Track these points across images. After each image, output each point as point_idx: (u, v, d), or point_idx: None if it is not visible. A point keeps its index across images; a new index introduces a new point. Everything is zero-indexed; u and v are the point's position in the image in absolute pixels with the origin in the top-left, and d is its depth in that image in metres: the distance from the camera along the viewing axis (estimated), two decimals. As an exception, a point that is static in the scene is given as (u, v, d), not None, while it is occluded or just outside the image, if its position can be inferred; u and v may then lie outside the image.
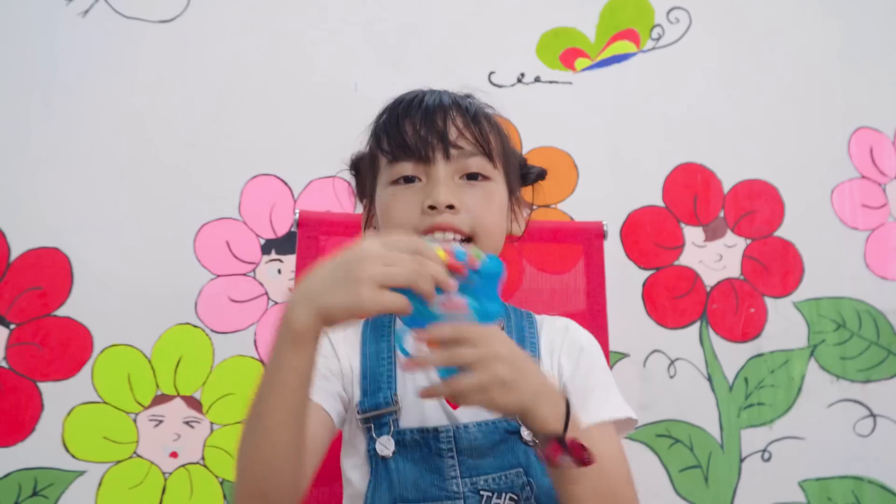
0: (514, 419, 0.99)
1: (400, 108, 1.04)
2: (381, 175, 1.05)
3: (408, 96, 1.06)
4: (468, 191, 1.01)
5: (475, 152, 1.02)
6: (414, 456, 0.99)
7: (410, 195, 1.01)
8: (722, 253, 1.69)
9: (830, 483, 1.66)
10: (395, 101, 1.08)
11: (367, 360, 1.04)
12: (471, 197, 1.01)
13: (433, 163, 1.01)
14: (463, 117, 1.03)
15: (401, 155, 1.01)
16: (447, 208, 0.98)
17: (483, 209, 1.01)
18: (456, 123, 1.02)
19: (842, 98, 1.75)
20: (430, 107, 1.03)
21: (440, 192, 0.98)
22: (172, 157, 1.59)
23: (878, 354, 1.69)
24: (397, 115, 1.04)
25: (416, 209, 1.00)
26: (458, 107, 1.04)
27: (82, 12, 1.60)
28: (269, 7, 1.65)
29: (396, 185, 1.02)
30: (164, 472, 1.52)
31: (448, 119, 1.02)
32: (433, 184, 1.00)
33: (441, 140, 1.01)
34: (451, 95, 1.06)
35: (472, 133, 1.03)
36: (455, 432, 0.99)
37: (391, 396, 1.01)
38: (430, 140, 1.00)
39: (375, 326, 1.08)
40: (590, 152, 1.68)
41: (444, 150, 1.01)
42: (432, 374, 0.85)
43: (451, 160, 1.01)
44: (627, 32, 1.72)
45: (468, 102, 1.06)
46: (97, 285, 1.54)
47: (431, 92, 1.07)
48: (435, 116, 1.02)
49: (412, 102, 1.04)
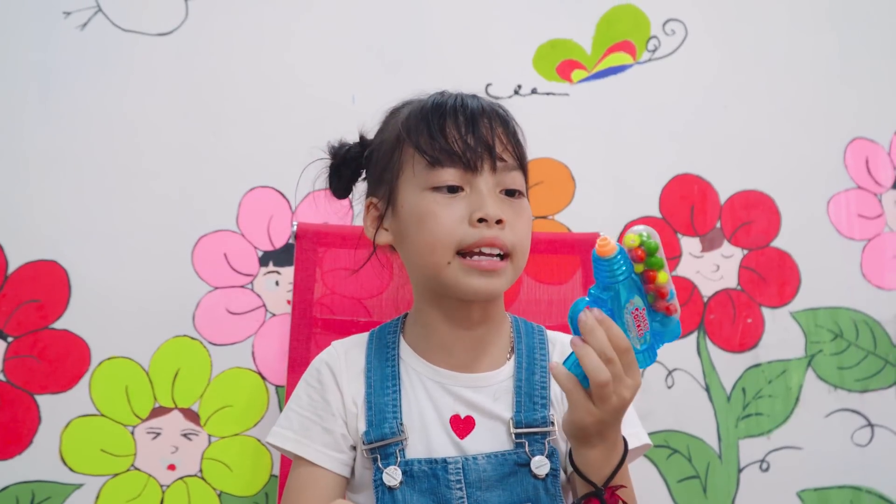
0: (546, 451, 1.00)
1: (440, 109, 1.00)
2: (416, 177, 1.00)
3: (442, 98, 1.03)
4: (508, 207, 0.99)
5: (515, 167, 1.01)
6: (422, 487, 0.97)
7: (454, 205, 0.97)
8: (719, 263, 1.70)
9: (829, 493, 1.66)
10: (431, 98, 1.04)
11: (372, 389, 1.03)
12: (511, 214, 0.99)
13: (479, 174, 0.98)
14: (504, 128, 1.01)
15: (445, 161, 0.98)
16: (496, 223, 0.96)
17: (522, 227, 1.00)
18: (499, 134, 1.00)
19: (837, 109, 1.76)
20: (476, 113, 1.00)
21: (491, 206, 0.96)
22: (170, 170, 1.59)
23: (875, 364, 1.70)
24: (442, 116, 1.00)
25: (462, 221, 0.97)
26: (499, 116, 1.02)
27: (80, 25, 1.61)
28: (267, 21, 1.65)
29: (438, 193, 0.98)
30: (161, 485, 1.52)
31: (493, 128, 0.99)
32: (481, 196, 0.97)
33: (488, 151, 0.98)
34: (490, 102, 1.03)
35: (513, 146, 1.01)
36: (464, 464, 0.98)
37: (397, 426, 1.00)
38: (478, 149, 0.98)
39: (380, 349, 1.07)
40: (587, 164, 1.69)
41: (492, 162, 0.98)
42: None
43: (495, 173, 0.99)
44: (624, 44, 1.73)
45: (505, 112, 1.04)
46: (95, 298, 1.54)
47: (469, 96, 1.03)
48: (480, 124, 0.99)
49: (455, 105, 1.01)
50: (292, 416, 1.05)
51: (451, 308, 1.03)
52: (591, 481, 0.89)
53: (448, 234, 0.96)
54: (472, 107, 1.00)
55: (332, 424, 1.02)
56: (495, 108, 1.03)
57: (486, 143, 0.98)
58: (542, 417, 1.01)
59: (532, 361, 1.05)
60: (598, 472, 0.89)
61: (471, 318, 1.03)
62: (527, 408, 1.01)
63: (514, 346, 1.07)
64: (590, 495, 0.88)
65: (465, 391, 1.02)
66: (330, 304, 1.40)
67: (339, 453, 1.02)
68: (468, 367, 1.04)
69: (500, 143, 0.99)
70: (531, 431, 1.00)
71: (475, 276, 0.97)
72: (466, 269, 0.97)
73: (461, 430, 1.01)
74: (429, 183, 0.99)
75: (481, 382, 1.03)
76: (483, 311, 1.03)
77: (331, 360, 1.07)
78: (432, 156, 0.98)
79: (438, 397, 1.02)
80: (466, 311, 1.02)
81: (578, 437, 0.89)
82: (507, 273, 0.99)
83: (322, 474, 1.01)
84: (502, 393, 1.03)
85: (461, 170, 0.98)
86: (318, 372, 1.06)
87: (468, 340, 1.04)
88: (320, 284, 1.40)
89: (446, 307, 1.03)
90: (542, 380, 1.03)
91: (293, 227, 1.43)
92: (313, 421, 1.03)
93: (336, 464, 1.02)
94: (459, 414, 1.02)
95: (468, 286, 0.97)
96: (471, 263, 0.96)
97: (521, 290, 1.41)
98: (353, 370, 1.05)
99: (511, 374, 1.04)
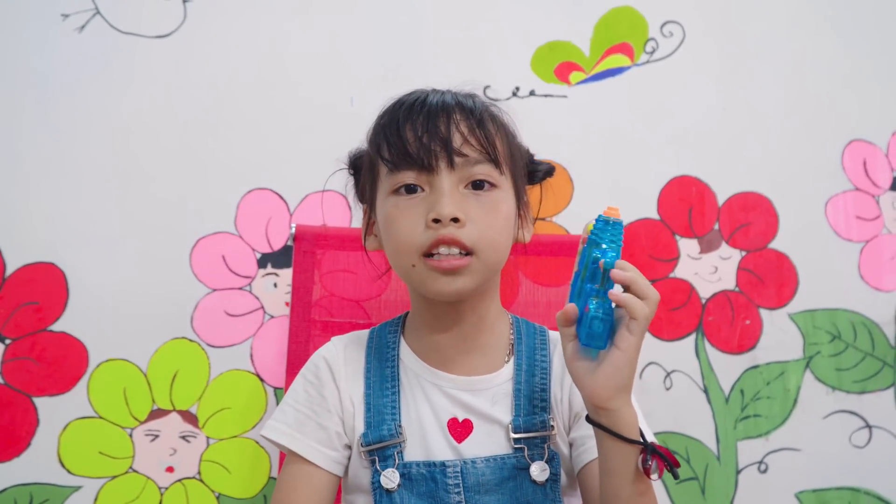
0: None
1: (401, 112, 0.99)
2: (382, 183, 1.00)
3: (409, 98, 1.01)
4: (473, 202, 0.97)
5: (481, 159, 0.98)
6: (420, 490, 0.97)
7: (413, 207, 0.96)
8: (717, 265, 1.70)
9: (827, 494, 1.66)
10: (396, 102, 1.02)
11: (371, 389, 1.03)
12: (476, 208, 0.96)
13: (436, 172, 0.96)
14: (467, 121, 0.98)
15: (402, 164, 0.97)
16: (451, 221, 0.94)
17: (488, 221, 0.97)
18: (460, 128, 0.97)
19: (835, 111, 1.76)
20: (433, 110, 0.98)
21: (444, 205, 0.94)
22: (168, 172, 1.59)
23: (873, 366, 1.70)
24: (398, 120, 0.98)
25: (419, 223, 0.96)
26: (463, 109, 0.99)
27: (78, 28, 1.61)
28: (265, 23, 1.65)
29: (398, 196, 0.98)
30: (160, 487, 1.52)
31: (452, 123, 0.97)
32: (437, 195, 0.95)
33: (444, 148, 0.96)
34: (455, 96, 1.01)
35: (478, 138, 0.98)
36: (462, 467, 0.97)
37: (395, 428, 0.99)
38: (433, 148, 0.95)
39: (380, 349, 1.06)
40: (585, 165, 1.69)
41: (448, 159, 0.96)
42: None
43: (455, 169, 0.96)
44: (622, 46, 1.73)
45: (472, 103, 1.01)
46: (93, 300, 1.54)
47: (434, 92, 1.01)
48: (438, 121, 0.97)
49: (413, 105, 0.99)
50: (288, 411, 1.04)
51: (438, 308, 1.03)
52: (640, 440, 0.90)
53: (407, 239, 0.96)
54: (431, 103, 0.99)
55: (328, 421, 1.02)
56: (461, 100, 1.00)
57: (442, 140, 0.96)
58: (541, 421, 1.00)
59: (532, 363, 1.04)
60: (634, 431, 0.90)
61: (461, 318, 1.02)
62: (526, 411, 1.01)
63: (514, 347, 1.06)
64: (650, 452, 0.89)
65: (462, 394, 1.02)
66: (328, 305, 1.40)
67: (333, 451, 1.01)
68: (465, 369, 1.03)
69: (459, 138, 0.97)
70: (530, 436, 1.00)
71: (438, 277, 0.96)
72: (429, 271, 0.96)
73: (459, 434, 1.00)
74: (391, 186, 0.99)
75: (479, 385, 1.02)
76: (471, 310, 1.03)
77: (329, 356, 1.06)
78: (391, 161, 0.98)
79: (436, 400, 1.02)
80: (453, 310, 1.02)
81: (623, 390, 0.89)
82: (473, 270, 0.97)
83: (314, 471, 1.00)
84: (501, 396, 1.02)
85: (417, 170, 0.97)
86: (316, 367, 1.06)
87: (463, 341, 1.03)
88: (319, 286, 1.40)
89: (434, 307, 1.03)
90: (542, 382, 1.03)
91: (291, 229, 1.43)
92: (308, 416, 1.03)
93: (329, 461, 1.01)
94: (457, 417, 1.01)
95: (432, 287, 0.97)
96: (432, 263, 0.96)
97: (520, 291, 1.41)
98: (352, 368, 1.05)
99: (510, 376, 1.03)
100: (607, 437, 0.89)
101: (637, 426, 0.90)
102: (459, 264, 0.95)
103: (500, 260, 1.01)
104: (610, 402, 0.88)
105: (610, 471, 0.91)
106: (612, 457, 0.90)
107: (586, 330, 0.88)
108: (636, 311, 0.88)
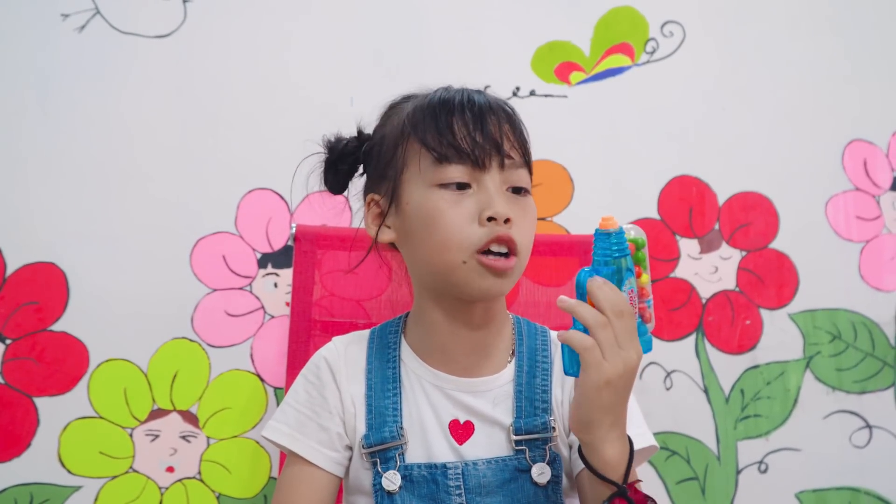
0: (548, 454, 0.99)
1: (450, 105, 0.99)
2: (422, 174, 0.98)
3: (448, 93, 1.01)
4: (515, 205, 0.97)
5: (522, 164, 0.99)
6: (421, 492, 0.97)
7: (464, 203, 0.96)
8: (717, 265, 1.70)
9: (827, 494, 1.66)
10: (435, 94, 1.02)
11: (373, 391, 1.02)
12: (518, 212, 0.97)
13: (487, 171, 0.96)
14: (510, 125, 0.99)
15: (453, 157, 0.96)
16: (504, 222, 0.95)
17: (527, 226, 0.99)
18: (506, 132, 0.98)
19: (835, 111, 1.76)
20: (482, 108, 0.98)
21: (500, 204, 0.95)
22: (168, 172, 1.59)
23: (873, 366, 1.70)
24: (447, 112, 0.98)
25: (471, 219, 0.95)
26: (504, 111, 1.00)
27: (78, 28, 1.61)
28: (265, 23, 1.65)
29: (447, 190, 0.97)
30: (160, 487, 1.52)
31: (500, 124, 0.98)
32: (489, 194, 0.95)
33: (496, 148, 0.97)
34: (494, 99, 1.02)
35: (520, 144, 0.99)
36: (464, 469, 0.97)
37: (397, 430, 0.99)
38: (486, 146, 0.96)
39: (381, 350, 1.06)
40: (585, 165, 1.69)
41: (500, 160, 0.97)
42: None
43: (503, 170, 0.97)
44: (622, 46, 1.73)
45: (511, 109, 1.02)
46: (93, 300, 1.54)
47: (472, 90, 1.02)
48: (487, 120, 0.97)
49: (461, 101, 0.99)
50: (288, 411, 1.04)
51: (453, 308, 1.02)
52: (612, 480, 0.86)
53: (458, 231, 0.95)
54: (480, 102, 0.99)
55: (329, 422, 1.02)
56: (502, 104, 1.01)
57: (494, 141, 0.97)
58: (542, 423, 1.00)
59: (533, 364, 1.04)
60: (615, 470, 0.86)
61: (473, 318, 1.02)
62: (527, 413, 1.01)
63: (516, 348, 1.06)
64: (615, 496, 0.85)
65: (464, 396, 1.01)
66: (329, 305, 1.40)
67: (334, 452, 1.01)
68: (468, 370, 1.03)
69: (507, 141, 0.98)
70: (532, 438, 0.99)
71: (488, 277, 0.95)
72: (481, 270, 0.95)
73: (460, 436, 1.00)
74: (436, 180, 0.97)
75: (481, 387, 1.02)
76: (486, 312, 1.02)
77: (330, 356, 1.06)
78: (440, 152, 0.96)
79: (438, 401, 1.02)
80: (469, 310, 1.01)
81: (589, 426, 0.86)
82: (514, 272, 0.97)
83: (314, 472, 1.00)
84: (502, 398, 1.02)
85: (469, 167, 0.96)
86: (317, 368, 1.05)
87: (470, 342, 1.03)
88: (319, 286, 1.40)
89: (448, 307, 1.02)
90: (544, 384, 1.02)
91: (292, 228, 1.43)
92: (309, 417, 1.02)
93: (329, 462, 1.01)
94: (458, 419, 1.01)
95: (479, 286, 0.96)
96: (487, 263, 0.95)
97: (520, 291, 1.41)
98: (353, 368, 1.05)
99: (511, 377, 1.03)
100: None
101: (622, 465, 0.87)
102: (509, 266, 0.96)
103: (526, 265, 1.01)
104: (581, 435, 0.87)
105: (587, 496, 0.93)
106: (587, 484, 0.92)
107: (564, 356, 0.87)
108: (575, 343, 0.84)
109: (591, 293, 0.84)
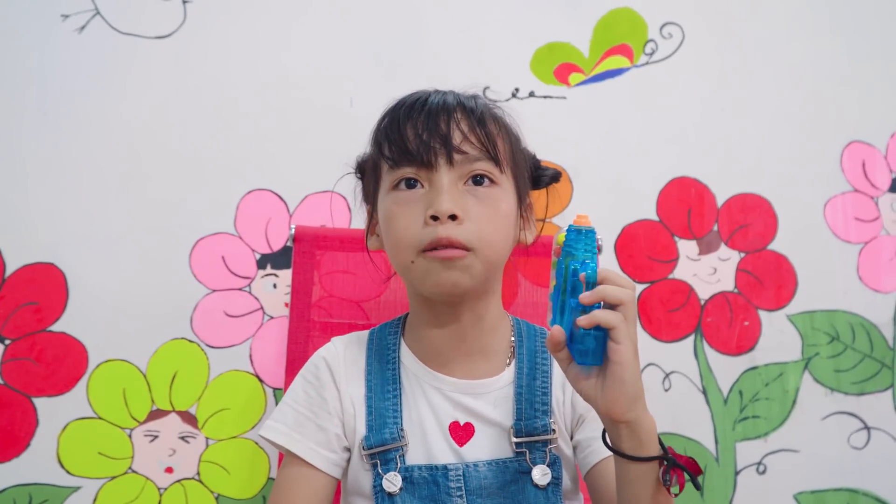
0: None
1: (402, 111, 1.00)
2: (383, 181, 1.01)
3: (411, 98, 1.02)
4: (472, 198, 0.97)
5: (481, 157, 0.98)
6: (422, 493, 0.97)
7: (412, 203, 0.97)
8: (716, 266, 1.70)
9: (825, 495, 1.66)
10: (397, 102, 1.03)
11: (373, 392, 1.02)
12: (475, 205, 0.96)
13: (436, 169, 0.96)
14: (468, 119, 0.99)
15: (402, 161, 0.97)
16: (449, 218, 0.94)
17: (487, 218, 0.97)
18: (460, 126, 0.98)
19: (834, 112, 1.76)
20: (434, 109, 0.98)
21: (443, 202, 0.94)
22: (168, 172, 1.59)
23: (871, 367, 1.70)
24: (399, 119, 0.99)
25: (418, 220, 0.96)
26: (463, 108, 1.00)
27: (78, 28, 1.61)
28: (265, 24, 1.65)
29: (398, 191, 0.98)
30: (159, 488, 1.52)
31: (452, 122, 0.97)
32: (436, 192, 0.96)
33: (444, 144, 0.96)
34: (457, 96, 1.01)
35: (478, 136, 0.98)
36: (465, 471, 0.97)
37: (398, 431, 0.99)
38: (433, 144, 0.96)
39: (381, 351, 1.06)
40: (584, 166, 1.69)
41: (448, 156, 0.96)
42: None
43: (454, 166, 0.96)
44: (621, 47, 1.73)
45: (474, 103, 1.01)
46: (92, 300, 1.54)
47: (436, 92, 1.02)
48: (438, 119, 0.97)
49: (415, 104, 1.00)
50: (287, 411, 1.04)
51: (436, 308, 1.02)
52: (656, 456, 0.86)
53: (406, 235, 0.96)
54: (431, 103, 0.99)
55: (327, 423, 1.02)
56: (463, 100, 1.01)
57: (441, 137, 0.96)
58: (543, 425, 1.00)
59: (533, 366, 1.04)
60: (652, 440, 0.86)
61: (457, 318, 1.02)
62: (528, 415, 1.01)
63: (515, 350, 1.06)
64: (670, 466, 0.85)
65: (463, 398, 1.01)
66: (328, 306, 1.40)
67: (332, 453, 1.01)
68: (467, 372, 1.03)
69: (459, 135, 0.97)
70: (532, 440, 0.99)
71: (439, 270, 0.95)
72: (428, 265, 0.95)
73: (460, 438, 1.00)
74: (391, 183, 0.99)
75: (481, 389, 1.02)
76: (469, 310, 1.02)
77: (330, 356, 1.06)
78: (391, 158, 0.98)
79: (437, 403, 1.02)
80: (449, 310, 1.02)
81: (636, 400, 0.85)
82: (470, 265, 0.96)
83: (312, 473, 1.00)
84: (502, 400, 1.02)
85: (417, 167, 0.97)
86: (316, 368, 1.05)
87: (462, 343, 1.03)
88: (318, 287, 1.40)
89: (431, 307, 1.02)
90: (544, 385, 1.02)
91: (291, 229, 1.43)
92: (308, 417, 1.02)
93: (327, 463, 1.01)
94: (459, 421, 1.01)
95: (431, 280, 0.96)
96: (432, 255, 0.95)
97: (519, 292, 1.42)
98: (353, 369, 1.05)
99: (511, 379, 1.03)
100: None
101: (655, 435, 0.87)
102: (457, 254, 0.95)
103: (498, 258, 1.01)
104: (627, 414, 0.85)
105: (628, 484, 0.88)
106: (631, 471, 0.88)
107: (579, 348, 0.85)
108: (610, 322, 0.83)
109: (608, 278, 0.85)
